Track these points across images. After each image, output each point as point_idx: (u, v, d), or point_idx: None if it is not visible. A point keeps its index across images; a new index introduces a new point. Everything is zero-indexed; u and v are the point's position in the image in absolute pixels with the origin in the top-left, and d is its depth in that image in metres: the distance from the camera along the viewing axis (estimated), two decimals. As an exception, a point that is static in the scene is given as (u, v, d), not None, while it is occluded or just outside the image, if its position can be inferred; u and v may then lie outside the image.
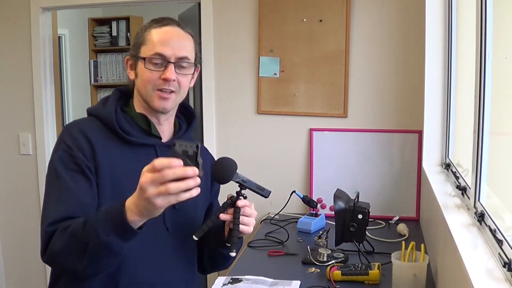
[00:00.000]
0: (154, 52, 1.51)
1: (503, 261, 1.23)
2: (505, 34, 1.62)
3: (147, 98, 1.54)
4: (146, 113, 1.58)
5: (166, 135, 1.63)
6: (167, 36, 1.53)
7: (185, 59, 1.53)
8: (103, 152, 1.48)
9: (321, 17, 2.92)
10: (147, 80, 1.52)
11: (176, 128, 1.68)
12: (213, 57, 3.12)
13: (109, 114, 1.54)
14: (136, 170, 1.29)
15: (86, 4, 3.38)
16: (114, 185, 1.47)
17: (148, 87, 1.53)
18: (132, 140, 1.53)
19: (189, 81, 1.59)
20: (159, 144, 1.58)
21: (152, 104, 1.54)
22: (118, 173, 1.48)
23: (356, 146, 2.93)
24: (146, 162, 1.26)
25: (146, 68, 1.51)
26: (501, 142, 1.68)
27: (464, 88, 2.23)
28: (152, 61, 1.51)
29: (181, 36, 1.56)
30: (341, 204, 2.17)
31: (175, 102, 1.57)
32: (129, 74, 1.60)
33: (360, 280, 1.96)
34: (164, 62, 1.51)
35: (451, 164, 2.38)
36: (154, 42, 1.52)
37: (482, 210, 1.58)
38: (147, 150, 1.55)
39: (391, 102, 2.89)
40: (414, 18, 2.79)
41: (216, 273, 3.14)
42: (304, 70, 2.97)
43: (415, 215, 2.86)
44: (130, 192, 1.27)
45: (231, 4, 3.07)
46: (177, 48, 1.52)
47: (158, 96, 1.53)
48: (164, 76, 1.50)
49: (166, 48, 1.51)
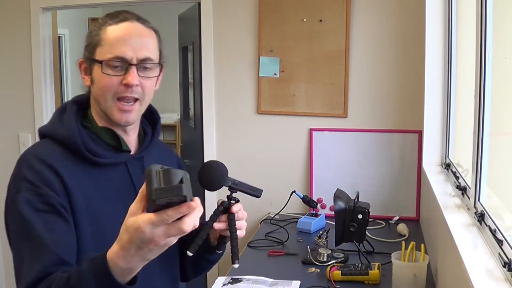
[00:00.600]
0: (113, 55, 1.30)
1: (503, 261, 1.23)
2: (505, 34, 1.62)
3: (106, 110, 1.34)
4: (110, 125, 1.37)
5: (133, 146, 1.43)
6: (126, 35, 1.32)
7: (148, 60, 1.33)
8: (73, 182, 1.25)
9: (321, 17, 2.92)
10: (106, 87, 1.31)
11: (141, 135, 1.48)
12: (213, 57, 3.12)
13: (72, 134, 1.30)
14: (111, 197, 1.18)
15: (86, 4, 3.38)
16: (93, 221, 1.26)
17: (107, 95, 1.31)
18: (102, 161, 1.32)
19: (154, 84, 1.39)
20: (129, 159, 1.39)
21: (113, 117, 1.33)
22: (94, 205, 1.27)
23: (356, 146, 2.93)
24: (120, 185, 1.16)
25: (103, 73, 1.30)
26: (501, 142, 1.68)
27: (464, 88, 2.23)
28: (111, 65, 1.30)
29: (143, 33, 1.35)
30: (341, 204, 2.17)
31: (139, 112, 1.37)
32: (84, 80, 1.38)
33: (360, 280, 1.96)
34: (124, 65, 1.30)
35: (451, 164, 2.38)
36: (111, 42, 1.31)
37: (482, 210, 1.58)
38: (118, 169, 1.36)
39: (391, 102, 2.89)
40: (414, 18, 2.79)
41: (216, 273, 3.16)
42: (304, 70, 2.97)
43: (415, 215, 2.86)
44: (112, 227, 1.06)
45: (231, 4, 3.07)
46: (139, 48, 1.32)
47: (118, 108, 1.32)
48: (125, 81, 1.29)
49: (125, 49, 1.30)
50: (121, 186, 1.27)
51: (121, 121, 1.34)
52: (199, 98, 3.28)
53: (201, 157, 3.21)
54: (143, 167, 1.39)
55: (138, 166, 1.40)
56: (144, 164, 1.41)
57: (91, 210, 1.26)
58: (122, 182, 1.28)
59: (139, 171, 1.38)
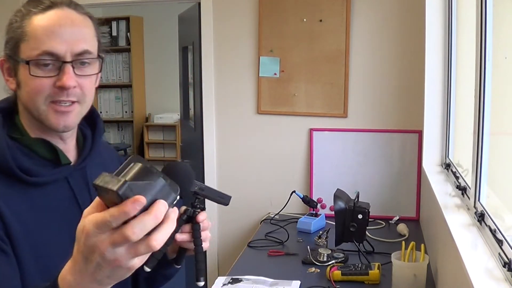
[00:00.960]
0: (41, 51, 1.05)
1: (503, 261, 1.23)
2: (505, 34, 1.62)
3: (39, 116, 1.09)
4: (44, 135, 1.13)
5: (72, 154, 1.20)
6: (56, 25, 1.07)
7: (86, 53, 1.09)
8: (6, 208, 1.02)
9: (321, 17, 2.92)
10: (36, 91, 1.07)
11: (79, 139, 1.23)
12: (213, 57, 3.12)
13: (0, 152, 1.06)
14: (53, 220, 1.03)
15: (86, 4, 3.36)
16: (34, 251, 1.04)
17: (38, 100, 1.08)
18: (39, 181, 1.09)
19: (95, 82, 1.17)
20: (70, 173, 1.16)
21: (48, 123, 1.10)
22: (34, 232, 1.05)
23: (356, 146, 2.93)
24: (62, 205, 1.02)
25: (31, 75, 1.06)
26: (501, 142, 1.68)
27: (464, 88, 2.23)
28: (40, 64, 1.06)
29: (76, 22, 1.10)
30: (341, 204, 2.17)
31: (79, 115, 1.14)
32: (8, 83, 1.14)
33: (360, 280, 1.96)
34: (57, 63, 1.06)
35: (451, 164, 2.38)
36: (37, 35, 1.06)
37: (482, 210, 1.58)
38: (57, 186, 1.13)
39: (391, 102, 2.89)
40: (414, 18, 2.79)
41: (216, 273, 3.16)
42: (304, 70, 2.97)
43: (415, 215, 2.86)
44: (57, 255, 0.91)
45: (231, 4, 3.07)
46: (73, 40, 1.07)
47: (54, 110, 1.09)
48: (60, 83, 1.06)
49: (56, 43, 1.06)
50: (63, 205, 1.10)
51: (58, 126, 1.10)
52: (199, 98, 3.28)
53: (201, 157, 3.21)
54: (86, 180, 1.19)
55: (81, 179, 1.18)
56: (88, 175, 1.19)
57: (30, 238, 1.03)
58: (64, 200, 1.10)
59: (82, 185, 1.17)
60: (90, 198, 1.12)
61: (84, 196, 1.16)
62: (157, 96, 6.29)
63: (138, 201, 0.66)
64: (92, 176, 1.17)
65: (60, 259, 0.84)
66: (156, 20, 6.15)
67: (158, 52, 6.19)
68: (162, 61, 6.14)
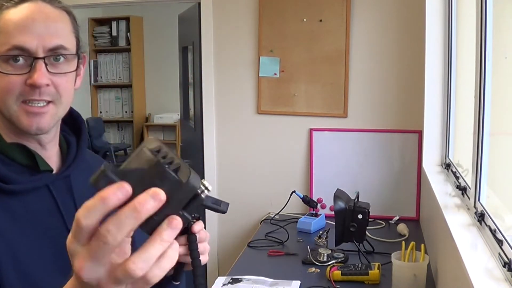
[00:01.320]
0: (11, 46, 0.98)
1: (503, 261, 1.23)
2: (505, 34, 1.62)
3: (10, 117, 1.01)
4: (21, 139, 1.05)
5: (55, 162, 1.11)
6: (28, 19, 1.00)
7: (60, 49, 1.02)
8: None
9: (321, 17, 2.92)
10: (6, 89, 0.99)
11: (63, 147, 1.15)
12: (213, 57, 3.12)
13: None
14: (32, 231, 0.96)
15: (86, 4, 3.38)
16: (16, 266, 0.95)
17: (9, 99, 1.00)
18: (16, 188, 1.00)
19: (73, 82, 1.07)
20: (52, 181, 1.06)
21: (20, 125, 1.01)
22: (12, 245, 0.95)
23: (356, 146, 2.93)
24: (43, 215, 0.97)
25: (0, 72, 0.99)
26: (501, 142, 1.68)
27: (464, 88, 2.23)
28: (10, 60, 0.99)
29: (50, 16, 1.02)
30: (341, 204, 2.17)
31: (55, 117, 1.04)
32: None
33: (360, 280, 1.96)
34: (28, 59, 0.99)
35: (451, 164, 2.38)
36: (8, 30, 0.99)
37: (482, 210, 1.58)
38: (38, 194, 1.03)
39: (391, 102, 2.89)
40: (414, 18, 2.79)
41: (216, 273, 3.16)
42: (304, 70, 2.97)
43: (415, 215, 2.86)
44: (37, 270, 0.90)
45: (231, 4, 3.07)
46: (46, 35, 1.00)
47: (25, 111, 1.00)
48: (30, 81, 0.98)
49: (27, 37, 0.99)
50: (44, 216, 1.01)
51: (31, 128, 1.01)
52: (199, 98, 3.28)
53: (201, 157, 3.21)
54: (70, 189, 1.10)
55: (64, 188, 1.08)
56: (72, 184, 1.10)
57: (10, 250, 0.94)
58: (45, 210, 1.01)
59: (65, 194, 1.08)
60: (75, 209, 0.96)
61: (68, 206, 1.06)
62: (157, 96, 6.29)
63: (122, 187, 0.54)
64: (77, 185, 1.09)
65: (41, 272, 0.81)
66: (156, 20, 6.15)
67: (158, 52, 6.19)
68: (162, 61, 6.14)
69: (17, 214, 0.98)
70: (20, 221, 0.98)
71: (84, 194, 1.00)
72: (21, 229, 0.97)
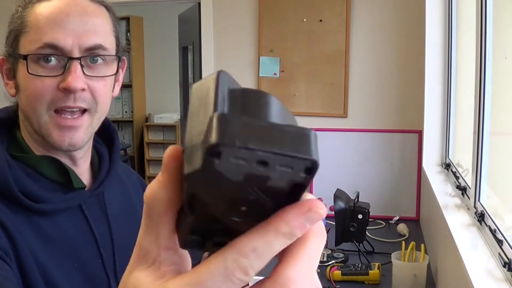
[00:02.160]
0: (42, 43, 0.85)
1: (503, 261, 1.23)
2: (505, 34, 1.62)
3: (40, 129, 0.88)
4: (52, 153, 0.92)
5: (86, 177, 0.98)
6: (62, 13, 0.86)
7: (98, 49, 0.89)
8: (15, 230, 0.84)
9: (321, 17, 2.92)
10: (35, 94, 0.86)
11: (95, 161, 1.02)
12: (213, 57, 3.12)
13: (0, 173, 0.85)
14: (63, 256, 0.87)
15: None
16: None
17: (39, 107, 0.87)
18: (46, 208, 0.88)
19: (111, 88, 0.94)
20: (85, 200, 0.94)
21: (50, 139, 0.89)
22: (45, 268, 0.85)
23: (356, 146, 2.93)
24: (74, 237, 0.88)
25: (30, 74, 0.86)
26: (501, 142, 1.68)
27: (464, 88, 2.23)
28: (40, 60, 0.86)
29: (87, 10, 0.89)
30: (341, 204, 2.17)
31: (89, 130, 0.91)
32: (7, 88, 0.93)
33: (360, 280, 1.96)
34: (62, 60, 0.86)
35: (451, 164, 2.38)
36: (39, 26, 0.86)
37: (482, 210, 1.58)
38: (69, 214, 0.92)
39: (391, 102, 2.89)
40: (414, 18, 2.79)
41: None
42: (304, 70, 2.97)
43: (415, 215, 2.86)
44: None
45: (231, 4, 3.07)
46: (82, 32, 0.87)
47: (57, 124, 0.87)
48: (64, 84, 0.85)
49: (61, 34, 0.85)
50: (76, 237, 0.91)
51: (63, 144, 0.89)
52: (199, 98, 3.27)
53: (201, 157, 3.21)
54: (104, 207, 0.98)
55: (97, 207, 0.97)
56: (106, 202, 0.99)
57: (40, 273, 0.84)
58: (78, 232, 0.91)
59: (99, 214, 0.97)
60: (109, 230, 0.96)
61: (102, 227, 0.96)
62: (157, 96, 6.29)
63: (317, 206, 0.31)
64: (110, 204, 0.98)
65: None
66: (156, 20, 6.15)
67: (158, 52, 6.19)
68: (162, 61, 6.14)
69: (49, 235, 0.88)
70: (51, 242, 0.88)
71: (118, 213, 1.00)
72: (52, 250, 0.88)
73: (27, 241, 0.84)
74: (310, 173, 0.30)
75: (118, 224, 0.98)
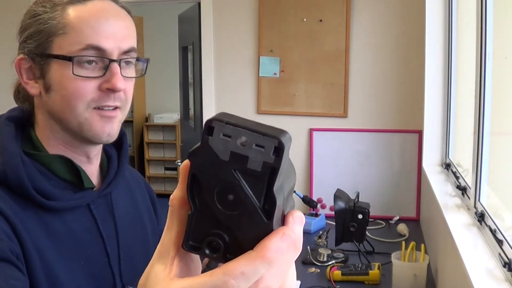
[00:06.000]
0: (85, 45, 0.89)
1: (503, 261, 1.23)
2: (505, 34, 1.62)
3: (78, 125, 0.92)
4: (66, 152, 0.96)
5: (95, 177, 1.02)
6: (102, 17, 0.91)
7: (132, 51, 0.95)
8: (23, 229, 0.86)
9: (321, 17, 2.92)
10: (77, 94, 0.90)
11: (103, 161, 1.05)
12: (213, 57, 3.12)
13: (14, 167, 0.88)
14: (69, 253, 0.89)
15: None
16: (50, 285, 0.87)
17: (79, 106, 0.91)
18: (56, 206, 0.91)
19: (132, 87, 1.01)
20: (93, 200, 0.98)
21: (91, 133, 0.93)
22: (50, 263, 0.88)
23: (356, 146, 2.93)
24: (82, 236, 0.90)
25: (75, 75, 0.89)
26: (501, 142, 1.68)
27: (464, 88, 2.23)
28: (83, 62, 0.90)
29: (120, 15, 0.96)
30: (341, 204, 2.17)
31: (120, 124, 0.98)
32: (28, 87, 0.94)
33: (360, 280, 1.96)
34: (103, 61, 0.91)
35: (451, 164, 2.38)
36: (80, 28, 0.90)
37: (482, 210, 1.58)
38: (78, 213, 0.95)
39: (391, 102, 2.89)
40: (414, 18, 2.79)
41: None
42: (304, 70, 2.97)
43: (415, 215, 2.86)
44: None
45: (231, 4, 3.07)
46: (120, 35, 0.92)
47: (99, 115, 0.92)
48: (109, 85, 0.91)
49: (104, 37, 0.90)
50: (83, 235, 0.93)
51: (103, 135, 0.93)
52: (199, 98, 3.28)
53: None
54: (111, 208, 1.01)
55: (105, 207, 1.00)
56: (113, 203, 1.01)
57: (45, 267, 0.86)
58: (85, 231, 0.94)
59: (106, 214, 1.00)
60: (115, 230, 0.99)
61: (108, 227, 0.98)
62: (157, 96, 6.29)
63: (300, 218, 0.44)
64: (117, 204, 1.02)
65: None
66: (156, 20, 6.15)
67: (158, 52, 6.19)
68: (162, 61, 6.14)
69: (56, 231, 0.90)
70: (58, 239, 0.90)
71: (124, 214, 1.04)
72: (58, 248, 0.90)
73: (34, 237, 0.86)
74: (278, 154, 0.37)
75: (124, 224, 1.01)
